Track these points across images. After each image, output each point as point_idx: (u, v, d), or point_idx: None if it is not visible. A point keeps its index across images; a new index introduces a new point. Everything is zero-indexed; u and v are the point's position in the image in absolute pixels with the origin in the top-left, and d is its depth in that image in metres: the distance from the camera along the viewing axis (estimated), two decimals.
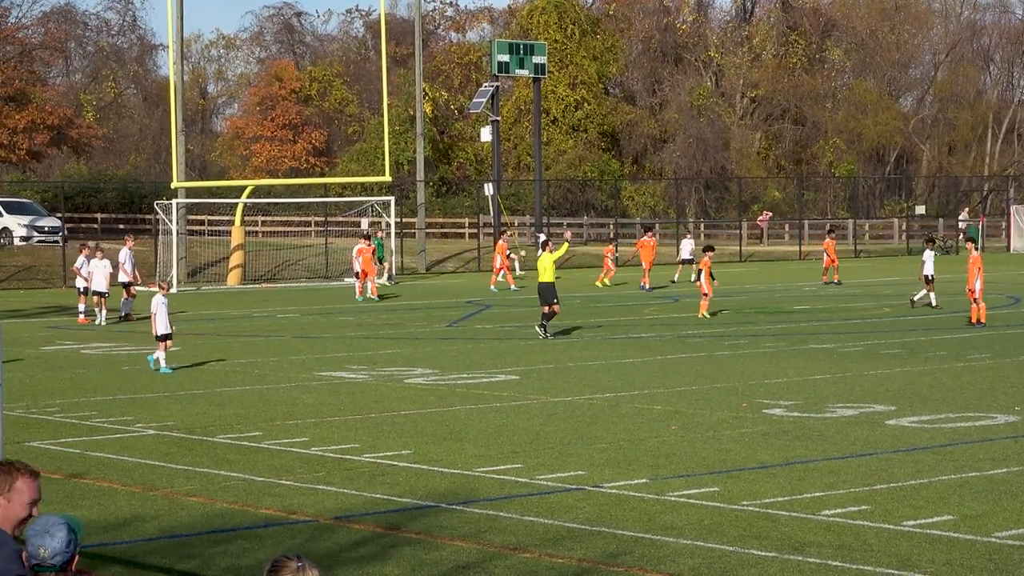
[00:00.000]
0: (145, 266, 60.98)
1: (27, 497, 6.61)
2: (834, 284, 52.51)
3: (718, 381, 25.01)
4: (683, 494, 15.44)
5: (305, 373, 27.15)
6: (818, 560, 12.61)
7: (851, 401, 22.29)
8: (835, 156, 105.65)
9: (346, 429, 20.26)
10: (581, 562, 12.73)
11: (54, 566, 6.29)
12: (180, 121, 60.79)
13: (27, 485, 6.63)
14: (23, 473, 6.65)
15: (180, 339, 34.85)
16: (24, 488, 6.62)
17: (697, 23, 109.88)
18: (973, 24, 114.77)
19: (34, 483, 6.65)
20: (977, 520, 14.05)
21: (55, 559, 6.28)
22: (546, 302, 33.28)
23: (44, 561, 6.28)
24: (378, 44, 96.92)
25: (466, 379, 25.72)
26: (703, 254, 39.67)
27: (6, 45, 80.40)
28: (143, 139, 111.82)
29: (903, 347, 30.29)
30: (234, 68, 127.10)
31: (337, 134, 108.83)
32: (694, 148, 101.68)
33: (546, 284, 33.62)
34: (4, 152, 73.75)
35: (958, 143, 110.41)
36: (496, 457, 17.86)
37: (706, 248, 40.24)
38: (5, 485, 6.62)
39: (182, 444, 19.19)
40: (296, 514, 14.83)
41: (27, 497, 6.61)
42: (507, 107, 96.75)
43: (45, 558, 6.28)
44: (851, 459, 17.43)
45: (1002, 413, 20.96)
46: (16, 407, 22.16)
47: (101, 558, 13.12)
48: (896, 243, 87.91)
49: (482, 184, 77.80)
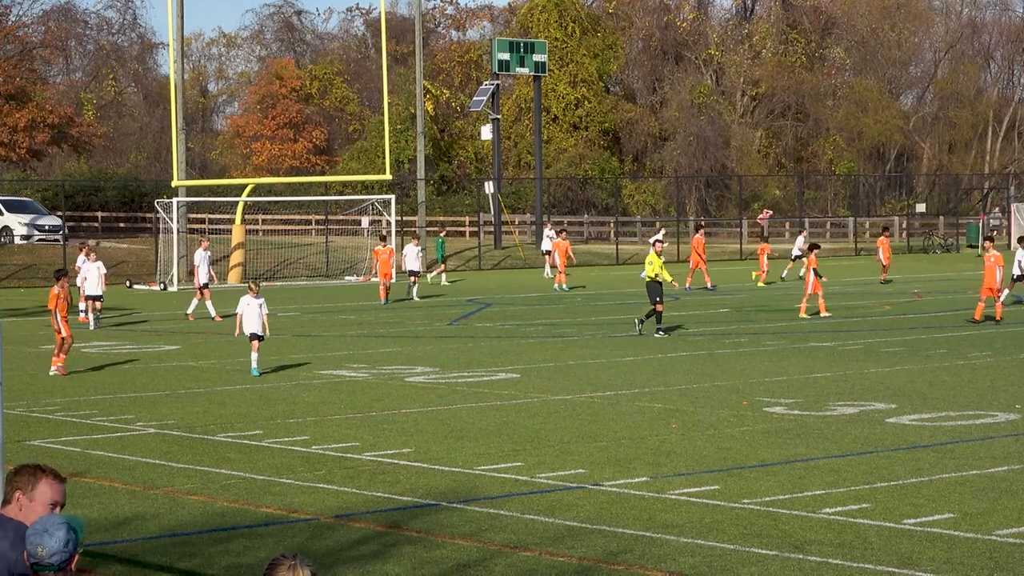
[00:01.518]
0: (145, 265, 61.09)
1: (49, 499, 6.68)
2: (887, 282, 51.09)
3: (719, 379, 25.01)
4: (684, 492, 15.43)
5: (306, 371, 27.15)
6: (819, 558, 12.61)
7: (852, 399, 22.29)
8: (835, 154, 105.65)
9: (347, 427, 20.26)
10: (582, 560, 12.73)
11: (52, 565, 6.27)
12: (180, 119, 60.81)
13: (51, 487, 6.70)
14: (48, 475, 6.75)
15: (180, 338, 34.88)
16: (47, 490, 6.70)
17: (697, 21, 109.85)
18: (973, 22, 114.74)
19: (59, 486, 6.74)
20: (978, 518, 14.05)
21: (53, 558, 6.27)
22: (652, 300, 33.11)
23: (42, 560, 6.27)
24: (378, 42, 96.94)
25: (467, 377, 25.72)
26: (809, 252, 38.81)
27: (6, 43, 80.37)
28: (143, 137, 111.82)
29: (904, 345, 30.29)
30: (234, 66, 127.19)
31: (337, 132, 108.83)
32: (694, 146, 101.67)
33: (652, 283, 33.37)
34: (5, 150, 73.73)
35: (958, 141, 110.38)
36: (497, 455, 17.86)
37: (812, 246, 39.17)
38: (29, 484, 6.72)
39: (183, 443, 19.19)
40: (297, 512, 14.83)
41: (49, 499, 6.68)
42: (507, 105, 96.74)
43: (43, 557, 6.26)
44: (852, 457, 17.43)
45: (1003, 411, 20.95)
46: (16, 406, 22.16)
47: (101, 556, 13.12)
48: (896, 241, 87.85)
49: (482, 182, 77.83)
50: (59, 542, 6.27)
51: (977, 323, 34.50)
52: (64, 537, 6.28)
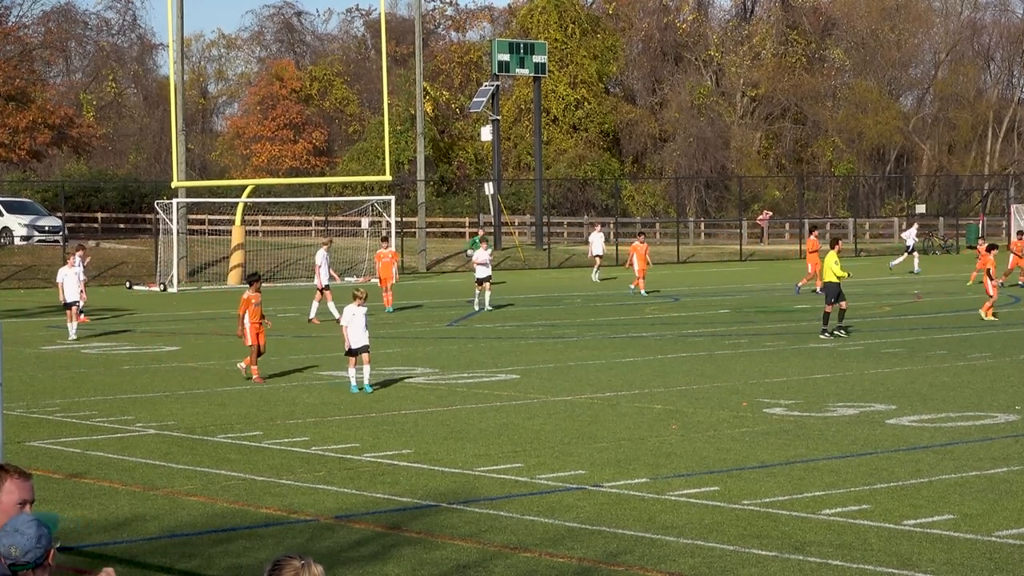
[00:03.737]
0: (145, 266, 61.08)
1: (16, 498, 6.55)
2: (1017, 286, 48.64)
3: (718, 380, 25.01)
4: (683, 493, 15.44)
5: (305, 373, 27.15)
6: (819, 559, 12.61)
7: (851, 400, 22.30)
8: (835, 155, 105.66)
9: (346, 428, 20.26)
10: (582, 561, 12.73)
11: (29, 563, 6.24)
12: (180, 120, 60.82)
13: (16, 486, 6.57)
14: (12, 474, 6.60)
15: (180, 339, 34.87)
16: (14, 489, 6.57)
17: (697, 22, 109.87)
18: (973, 23, 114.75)
19: (25, 484, 6.60)
20: (977, 519, 14.05)
21: (28, 556, 6.24)
22: (831, 300, 32.92)
23: (17, 560, 6.24)
24: (378, 43, 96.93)
25: (466, 378, 25.72)
26: (987, 252, 37.83)
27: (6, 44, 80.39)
28: (143, 139, 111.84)
29: (903, 346, 30.29)
30: (234, 67, 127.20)
31: (337, 133, 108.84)
32: (694, 147, 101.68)
33: (831, 283, 33.19)
34: (5, 151, 73.76)
35: (958, 142, 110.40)
36: (496, 456, 17.86)
37: (990, 247, 38.17)
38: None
39: (182, 443, 19.19)
40: (297, 513, 14.83)
41: (16, 498, 6.55)
42: (507, 106, 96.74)
43: (18, 557, 6.24)
44: (851, 458, 17.43)
45: (1002, 412, 20.96)
46: (16, 407, 22.15)
47: (101, 558, 13.11)
48: (896, 242, 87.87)
49: (482, 183, 77.83)
50: (31, 539, 6.23)
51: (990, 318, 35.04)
52: (35, 534, 6.24)
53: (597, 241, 58.56)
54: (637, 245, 48.90)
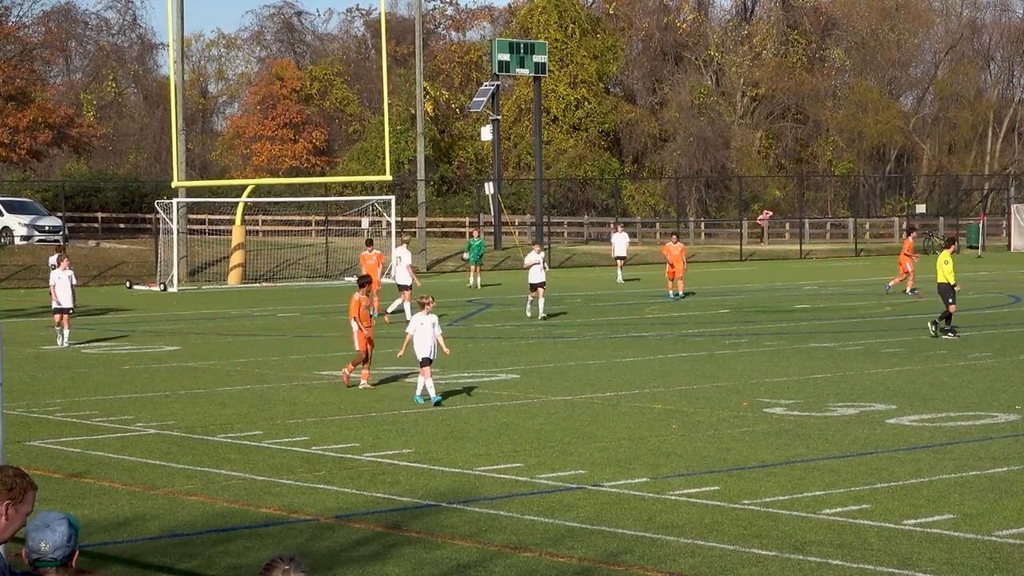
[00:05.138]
0: (145, 265, 61.08)
1: (29, 508, 6.63)
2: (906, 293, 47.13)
3: (719, 380, 25.01)
4: (684, 493, 15.44)
5: (306, 372, 27.15)
6: (819, 559, 12.61)
7: (851, 400, 22.29)
8: (835, 155, 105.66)
9: (347, 428, 20.26)
10: (582, 561, 12.73)
11: (55, 560, 6.26)
12: (180, 120, 60.82)
13: (32, 498, 6.65)
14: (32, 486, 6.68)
15: (180, 338, 34.86)
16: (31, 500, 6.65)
17: (697, 22, 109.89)
18: (973, 23, 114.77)
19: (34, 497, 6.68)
20: (977, 519, 14.05)
21: (56, 552, 6.25)
22: (950, 301, 32.70)
23: (45, 556, 6.25)
24: (378, 43, 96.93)
25: (467, 378, 25.71)
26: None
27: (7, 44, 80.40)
28: (143, 138, 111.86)
29: (903, 346, 30.29)
30: (234, 67, 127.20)
31: (338, 133, 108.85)
32: (694, 147, 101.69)
33: (943, 284, 32.99)
34: (5, 151, 73.76)
35: (958, 142, 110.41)
36: (497, 456, 17.86)
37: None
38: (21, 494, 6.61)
39: (183, 443, 19.19)
40: (297, 513, 14.83)
41: (29, 508, 6.63)
42: (507, 106, 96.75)
43: (46, 552, 6.25)
44: (851, 458, 17.43)
45: (1003, 412, 20.95)
46: (16, 406, 22.16)
47: (101, 557, 13.11)
48: (897, 242, 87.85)
49: (482, 183, 77.84)
50: (62, 536, 6.26)
51: None
52: (66, 532, 6.27)
53: (620, 242, 56.90)
54: (671, 246, 46.55)
